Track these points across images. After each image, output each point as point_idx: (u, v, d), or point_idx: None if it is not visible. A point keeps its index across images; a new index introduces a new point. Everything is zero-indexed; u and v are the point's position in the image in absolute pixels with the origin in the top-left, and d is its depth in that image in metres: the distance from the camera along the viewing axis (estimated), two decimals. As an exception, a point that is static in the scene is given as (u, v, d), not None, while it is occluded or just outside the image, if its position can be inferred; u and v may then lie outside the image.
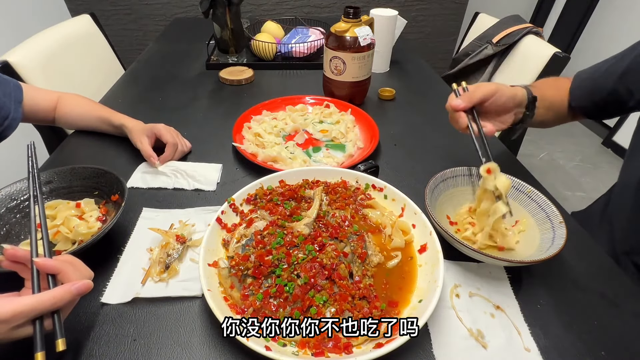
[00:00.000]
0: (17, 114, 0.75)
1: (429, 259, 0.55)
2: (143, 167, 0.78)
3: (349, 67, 0.96)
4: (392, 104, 1.09)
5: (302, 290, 0.49)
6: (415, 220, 0.61)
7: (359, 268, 0.54)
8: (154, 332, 0.49)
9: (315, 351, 0.44)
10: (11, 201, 0.62)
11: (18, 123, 0.76)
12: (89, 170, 0.66)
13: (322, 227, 0.60)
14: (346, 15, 0.93)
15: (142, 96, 1.09)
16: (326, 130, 0.91)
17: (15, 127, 0.75)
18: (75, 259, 0.45)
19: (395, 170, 0.79)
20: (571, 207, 0.79)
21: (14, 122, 0.75)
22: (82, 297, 0.43)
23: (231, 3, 1.11)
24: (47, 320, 0.40)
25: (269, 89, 1.15)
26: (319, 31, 1.35)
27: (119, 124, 0.82)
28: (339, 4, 2.07)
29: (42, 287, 0.43)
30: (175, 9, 2.01)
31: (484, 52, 1.36)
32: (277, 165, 0.78)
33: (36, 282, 0.42)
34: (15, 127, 0.76)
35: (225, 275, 0.52)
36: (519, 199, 0.64)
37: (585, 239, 0.64)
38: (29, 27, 1.25)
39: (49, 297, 0.39)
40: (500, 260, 0.52)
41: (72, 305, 0.43)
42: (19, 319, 0.38)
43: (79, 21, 1.30)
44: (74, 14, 1.79)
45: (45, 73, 1.06)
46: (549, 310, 0.53)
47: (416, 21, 2.21)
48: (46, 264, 0.42)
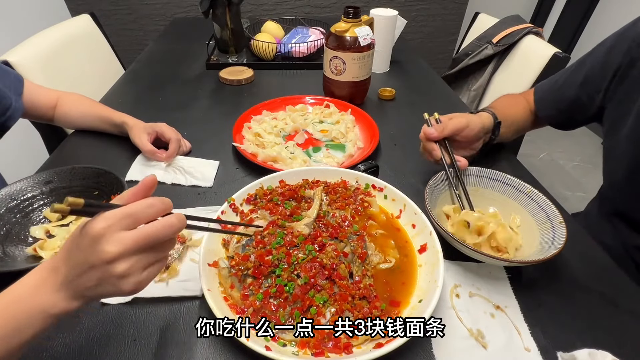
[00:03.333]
0: (19, 104, 0.75)
1: (429, 259, 0.55)
2: (141, 160, 0.79)
3: (349, 67, 0.96)
4: (392, 104, 1.09)
5: (302, 290, 0.49)
6: (415, 220, 0.61)
7: (359, 268, 0.54)
8: (154, 332, 0.49)
9: (315, 351, 0.44)
10: (11, 201, 0.62)
11: (20, 114, 0.76)
12: (89, 170, 0.66)
13: (322, 227, 0.60)
14: (346, 15, 0.93)
15: (142, 96, 1.09)
16: (326, 130, 0.91)
17: (17, 118, 0.75)
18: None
19: (395, 170, 0.79)
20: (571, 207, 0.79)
21: (16, 112, 0.74)
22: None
23: (231, 3, 1.11)
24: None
25: (269, 89, 1.15)
26: (319, 31, 1.35)
27: (120, 122, 0.82)
28: (339, 4, 2.07)
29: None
30: (175, 9, 2.01)
31: (484, 52, 1.35)
32: (277, 165, 0.78)
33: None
34: (17, 118, 0.75)
35: (225, 275, 0.52)
36: (519, 199, 0.64)
37: (585, 239, 0.64)
38: (29, 27, 1.25)
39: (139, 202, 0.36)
40: (500, 260, 0.52)
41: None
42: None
43: (79, 21, 1.30)
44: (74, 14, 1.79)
45: (45, 73, 1.06)
46: (549, 310, 0.53)
47: (416, 21, 2.21)
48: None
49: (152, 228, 0.35)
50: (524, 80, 1.16)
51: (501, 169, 0.67)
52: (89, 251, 0.33)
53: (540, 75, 1.12)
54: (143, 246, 0.34)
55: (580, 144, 2.42)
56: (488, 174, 0.67)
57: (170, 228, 0.36)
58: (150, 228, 0.35)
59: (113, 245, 0.33)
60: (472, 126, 0.68)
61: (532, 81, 1.13)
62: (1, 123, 0.73)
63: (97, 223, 0.33)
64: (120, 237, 0.33)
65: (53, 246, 0.57)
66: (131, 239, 0.34)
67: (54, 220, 0.63)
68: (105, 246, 0.33)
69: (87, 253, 0.33)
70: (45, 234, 0.61)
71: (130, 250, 0.34)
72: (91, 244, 0.33)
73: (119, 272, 0.34)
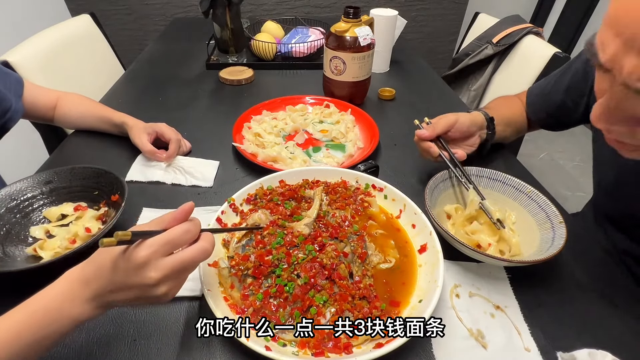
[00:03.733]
0: (19, 106, 0.75)
1: (429, 259, 0.55)
2: (141, 160, 0.79)
3: (349, 67, 0.96)
4: (392, 104, 1.09)
5: (302, 290, 0.49)
6: (415, 220, 0.61)
7: (359, 268, 0.54)
8: (154, 332, 0.49)
9: (315, 351, 0.44)
10: (11, 201, 0.62)
11: (20, 116, 0.76)
12: (89, 170, 0.66)
13: (322, 227, 0.60)
14: (346, 15, 0.93)
15: (142, 96, 1.09)
16: (326, 130, 0.91)
17: (17, 120, 0.76)
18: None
19: (395, 170, 0.79)
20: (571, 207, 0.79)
21: (15, 114, 0.75)
22: None
23: (231, 3, 1.11)
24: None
25: (269, 89, 1.15)
26: (319, 31, 1.35)
27: (120, 122, 0.82)
28: (339, 4, 2.07)
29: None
30: (175, 9, 2.01)
31: (484, 52, 1.35)
32: (277, 165, 0.78)
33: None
34: (17, 120, 0.76)
35: (225, 275, 0.52)
36: (519, 199, 0.64)
37: (585, 239, 0.64)
38: (29, 27, 1.25)
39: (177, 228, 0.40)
40: (500, 260, 0.52)
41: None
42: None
43: (79, 21, 1.30)
44: (74, 14, 1.78)
45: (45, 73, 1.06)
46: (549, 310, 0.53)
47: (416, 21, 2.21)
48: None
49: (190, 255, 0.40)
50: (524, 80, 1.16)
51: (501, 169, 0.67)
52: (133, 275, 0.37)
53: (540, 75, 1.12)
54: (181, 270, 0.39)
55: (580, 144, 2.42)
56: (488, 174, 0.67)
57: (204, 254, 0.41)
58: (188, 255, 0.39)
59: (156, 271, 0.37)
60: (461, 120, 0.71)
61: (532, 81, 1.13)
62: (1, 125, 0.73)
63: (141, 251, 0.37)
64: (162, 265, 0.38)
65: (53, 246, 0.57)
66: (171, 266, 0.38)
67: (54, 220, 0.63)
68: (149, 273, 0.37)
69: (129, 276, 0.37)
70: (45, 234, 0.61)
71: (171, 276, 0.39)
72: (135, 269, 0.37)
73: (161, 293, 0.39)
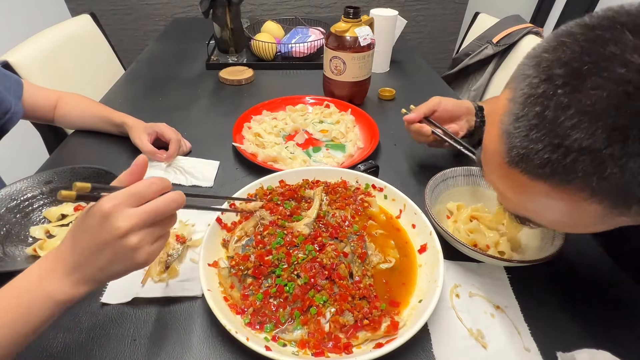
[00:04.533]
0: (18, 107, 0.76)
1: (429, 259, 0.55)
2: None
3: (349, 67, 0.96)
4: (392, 104, 1.09)
5: (302, 290, 0.49)
6: (415, 220, 0.61)
7: (359, 268, 0.54)
8: (154, 332, 0.49)
9: (315, 351, 0.44)
10: (11, 201, 0.62)
11: (19, 117, 0.76)
12: (89, 170, 0.66)
13: (322, 227, 0.59)
14: (346, 15, 0.92)
15: (142, 96, 1.09)
16: (326, 130, 0.91)
17: (16, 122, 0.76)
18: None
19: (395, 170, 0.79)
20: (571, 207, 0.80)
21: (14, 116, 0.75)
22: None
23: (231, 3, 1.11)
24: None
25: (269, 89, 1.14)
26: (319, 31, 1.35)
27: (120, 122, 0.82)
28: (339, 4, 2.06)
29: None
30: (175, 9, 2.01)
31: (484, 52, 1.35)
32: (277, 165, 0.78)
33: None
34: (16, 122, 0.76)
35: (225, 275, 0.52)
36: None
37: (585, 239, 0.64)
38: (29, 27, 1.25)
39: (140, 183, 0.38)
40: (500, 260, 0.52)
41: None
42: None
43: (79, 21, 1.30)
44: (74, 14, 1.78)
45: (45, 73, 1.06)
46: (549, 310, 0.53)
47: (416, 21, 2.21)
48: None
49: (158, 203, 0.38)
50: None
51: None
52: (100, 230, 0.35)
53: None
54: (150, 220, 0.37)
55: (580, 144, 2.42)
56: (488, 174, 0.67)
57: (173, 203, 0.39)
58: (155, 203, 0.38)
59: (123, 221, 0.35)
60: (445, 101, 0.73)
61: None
62: (0, 126, 0.73)
63: (105, 203, 0.35)
64: (129, 213, 0.36)
65: (53, 246, 0.57)
66: (139, 214, 0.36)
67: (54, 220, 0.63)
68: (116, 222, 0.35)
69: (97, 233, 0.35)
70: (45, 234, 0.61)
71: (140, 224, 0.36)
72: (101, 223, 0.35)
73: (132, 245, 0.36)
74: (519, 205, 0.37)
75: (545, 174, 0.30)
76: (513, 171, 0.33)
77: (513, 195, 0.36)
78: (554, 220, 0.37)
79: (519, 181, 0.33)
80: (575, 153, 0.28)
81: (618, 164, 0.27)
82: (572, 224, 0.36)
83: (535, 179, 0.32)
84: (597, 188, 0.29)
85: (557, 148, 0.29)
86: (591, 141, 0.27)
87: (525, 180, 0.32)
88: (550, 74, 0.29)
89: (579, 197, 0.30)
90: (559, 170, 0.29)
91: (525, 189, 0.34)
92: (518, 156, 0.32)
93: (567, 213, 0.34)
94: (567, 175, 0.29)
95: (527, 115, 0.30)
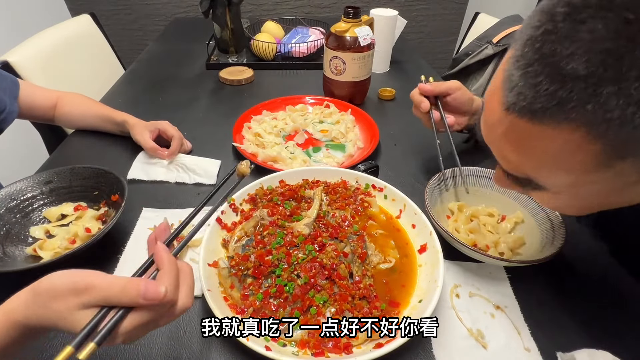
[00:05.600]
0: (13, 107, 0.76)
1: (429, 259, 0.55)
2: (142, 158, 0.79)
3: (349, 67, 0.96)
4: (392, 104, 1.09)
5: (302, 290, 0.49)
6: (415, 220, 0.61)
7: (359, 268, 0.54)
8: (154, 332, 0.49)
9: (315, 351, 0.44)
10: (11, 201, 0.62)
11: (14, 117, 0.76)
12: (89, 170, 0.66)
13: (322, 227, 0.59)
14: (346, 15, 0.93)
15: (142, 96, 1.09)
16: (326, 130, 0.91)
17: (11, 121, 0.76)
18: (190, 276, 0.38)
19: (395, 170, 0.79)
20: (571, 207, 0.80)
21: (9, 115, 0.75)
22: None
23: (231, 3, 1.11)
24: (111, 314, 0.32)
25: (269, 89, 1.14)
26: (319, 31, 1.35)
27: (121, 120, 0.82)
28: (339, 4, 2.06)
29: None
30: (175, 9, 2.01)
31: (484, 52, 1.35)
32: (277, 165, 0.78)
33: (143, 268, 0.37)
34: (12, 121, 0.76)
35: (225, 275, 0.52)
36: (519, 199, 0.64)
37: (585, 239, 0.64)
38: (29, 27, 1.25)
39: (120, 283, 0.32)
40: (500, 260, 0.52)
41: (153, 316, 0.34)
42: (91, 293, 0.32)
43: (79, 21, 1.30)
44: (74, 14, 1.78)
45: (45, 73, 1.06)
46: (549, 310, 0.53)
47: (416, 21, 2.21)
48: (160, 252, 0.36)
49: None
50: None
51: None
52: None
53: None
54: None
55: (580, 144, 2.42)
56: (488, 174, 0.67)
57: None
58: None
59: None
60: (463, 91, 0.71)
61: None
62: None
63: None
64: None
65: (53, 246, 0.57)
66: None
67: (54, 220, 0.63)
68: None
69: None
70: (45, 234, 0.61)
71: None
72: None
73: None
74: (520, 164, 0.37)
75: (543, 109, 0.30)
76: (512, 118, 0.32)
77: (514, 153, 0.36)
78: (553, 175, 0.36)
79: (518, 130, 0.33)
80: (572, 82, 0.28)
81: (614, 90, 0.27)
82: (571, 182, 0.35)
83: (534, 119, 0.31)
84: (594, 123, 0.28)
85: (554, 78, 0.28)
86: (586, 67, 0.27)
87: (523, 125, 0.32)
88: (552, 13, 0.29)
89: (577, 136, 0.30)
90: (556, 102, 0.29)
91: (524, 140, 0.33)
92: (516, 95, 0.31)
93: (567, 166, 0.33)
94: (564, 106, 0.29)
95: (527, 54, 0.30)
